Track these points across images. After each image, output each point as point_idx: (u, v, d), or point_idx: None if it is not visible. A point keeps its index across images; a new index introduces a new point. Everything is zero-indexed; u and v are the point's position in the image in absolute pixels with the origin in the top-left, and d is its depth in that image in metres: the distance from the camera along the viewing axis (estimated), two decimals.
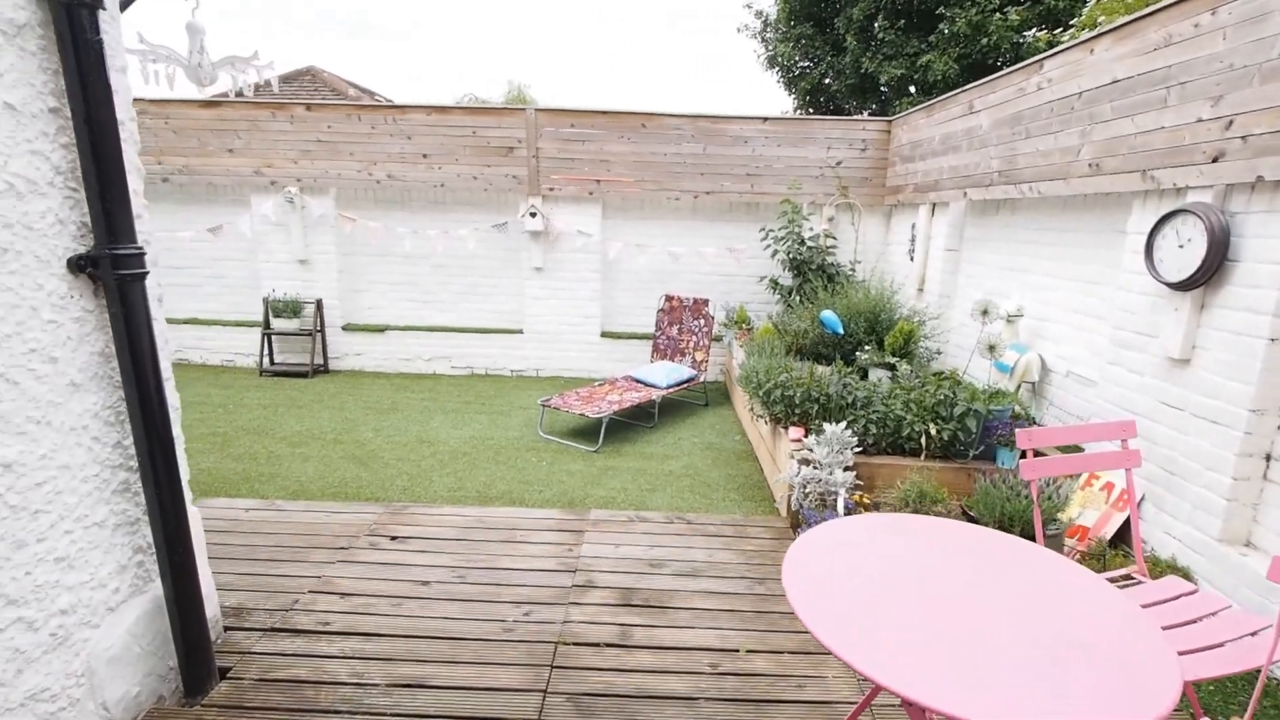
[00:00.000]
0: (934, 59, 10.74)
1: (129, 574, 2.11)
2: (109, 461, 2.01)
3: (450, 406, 6.19)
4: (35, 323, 1.76)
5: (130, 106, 2.08)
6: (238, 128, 7.06)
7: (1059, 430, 2.50)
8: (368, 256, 7.50)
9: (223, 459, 4.69)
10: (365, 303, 7.64)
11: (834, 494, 3.32)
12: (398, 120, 6.96)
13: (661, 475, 4.59)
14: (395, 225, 7.24)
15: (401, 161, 7.04)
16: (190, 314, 7.82)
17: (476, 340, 7.51)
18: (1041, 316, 4.45)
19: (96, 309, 1.94)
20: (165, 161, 7.20)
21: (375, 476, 4.44)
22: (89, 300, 1.92)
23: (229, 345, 7.69)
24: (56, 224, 1.82)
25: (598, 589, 2.98)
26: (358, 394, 6.56)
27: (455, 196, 7.29)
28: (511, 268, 7.47)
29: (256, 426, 5.44)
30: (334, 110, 7.00)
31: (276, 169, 7.13)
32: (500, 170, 7.04)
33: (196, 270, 7.73)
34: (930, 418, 3.68)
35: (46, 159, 1.78)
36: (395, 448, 5.00)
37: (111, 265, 1.90)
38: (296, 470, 4.51)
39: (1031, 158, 4.28)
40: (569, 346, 7.48)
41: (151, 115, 7.08)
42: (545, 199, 7.11)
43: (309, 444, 5.04)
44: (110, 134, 1.87)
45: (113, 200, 1.90)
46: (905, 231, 6.55)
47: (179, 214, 7.51)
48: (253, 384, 6.87)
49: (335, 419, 5.69)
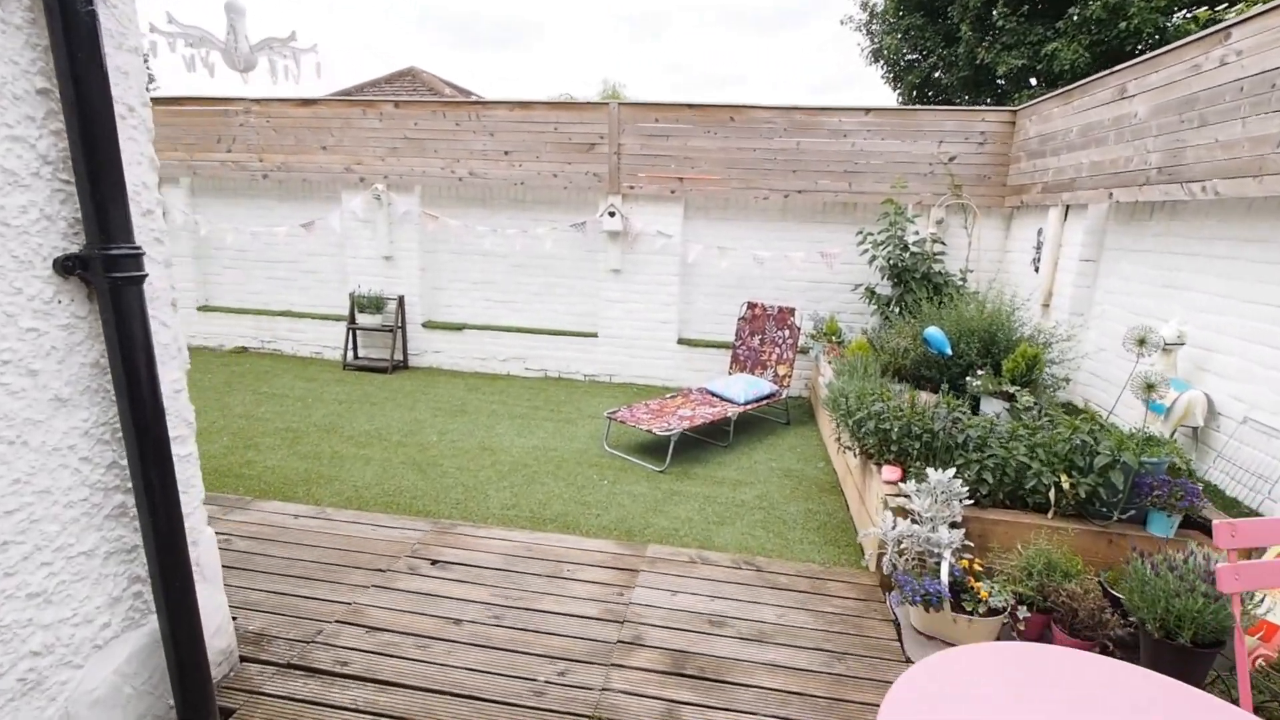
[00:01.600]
0: (1061, 47, 9.60)
1: (123, 607, 1.92)
2: (102, 484, 1.82)
3: (518, 411, 5.98)
4: (11, 331, 1.57)
5: (144, 91, 1.89)
6: (331, 125, 7.18)
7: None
8: (448, 254, 7.46)
9: (289, 456, 4.66)
10: (445, 300, 7.61)
11: (936, 556, 2.75)
12: (481, 116, 6.85)
13: (732, 505, 4.12)
14: (475, 223, 7.14)
15: (484, 159, 6.92)
16: (285, 306, 8.09)
17: (550, 342, 7.29)
18: (1208, 345, 3.63)
19: (90, 315, 1.75)
20: (266, 159, 7.45)
21: (431, 486, 4.25)
22: (80, 305, 1.73)
23: (317, 338, 7.88)
24: (42, 220, 1.62)
25: (646, 648, 2.58)
26: (431, 393, 6.49)
27: (535, 194, 7.10)
28: (588, 269, 7.20)
29: (329, 423, 5.43)
30: (420, 107, 6.97)
31: (366, 166, 7.20)
32: (580, 168, 6.77)
33: (293, 265, 7.98)
34: (1063, 467, 3.02)
35: (31, 147, 1.59)
36: (457, 455, 4.82)
37: (104, 267, 1.70)
38: (356, 474, 4.40)
39: (1207, 150, 3.48)
40: (644, 352, 7.12)
41: (255, 114, 7.34)
42: (625, 198, 6.78)
43: (374, 445, 4.95)
44: (104, 120, 1.66)
45: (107, 195, 1.69)
46: (1029, 238, 5.72)
47: (277, 210, 7.77)
48: (335, 378, 6.96)
49: (404, 419, 5.60)
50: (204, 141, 7.56)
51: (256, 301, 8.17)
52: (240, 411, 5.64)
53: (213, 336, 8.18)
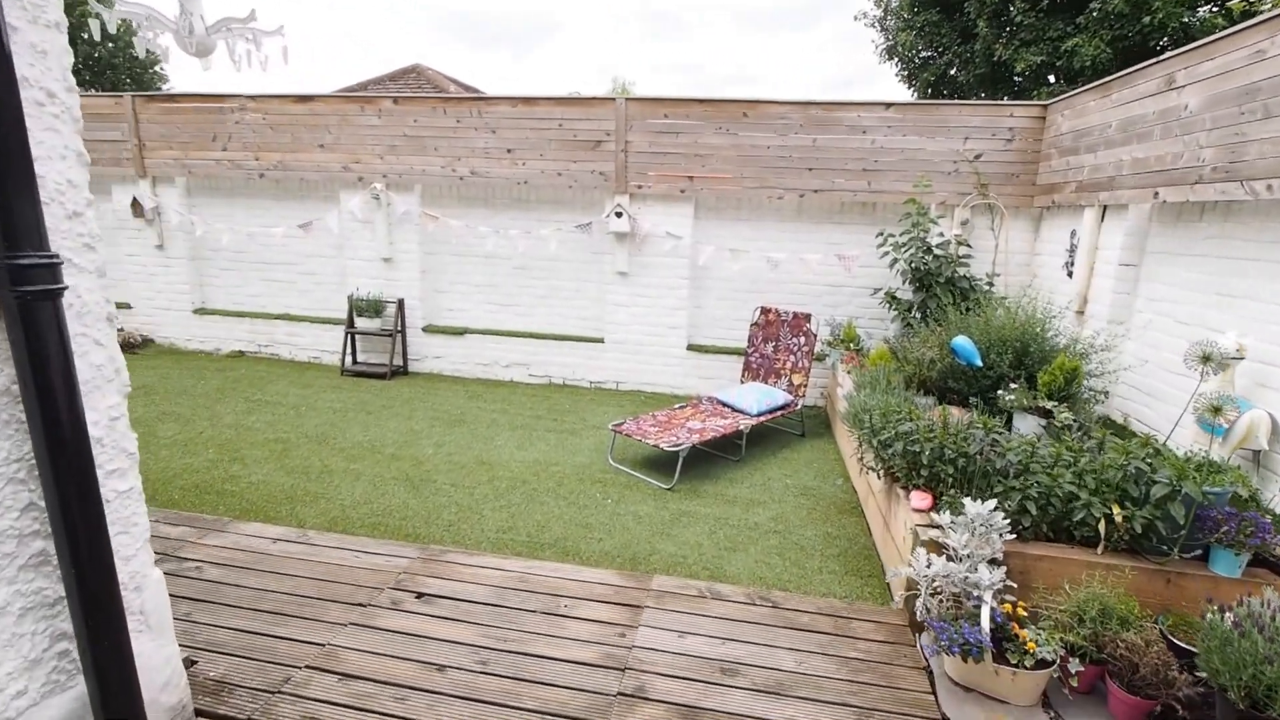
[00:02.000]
0: (1081, 42, 9.24)
1: (43, 669, 1.67)
2: (15, 530, 1.57)
3: (520, 421, 5.71)
4: None
5: (67, 74, 1.63)
6: (328, 122, 6.96)
7: None
8: (450, 256, 7.21)
9: (275, 471, 4.42)
10: (446, 304, 7.36)
11: (975, 599, 2.45)
12: (483, 113, 6.59)
13: (745, 528, 3.84)
14: (478, 224, 6.89)
15: (486, 157, 6.67)
16: (283, 309, 7.88)
17: (555, 348, 7.03)
18: (1269, 360, 3.31)
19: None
20: (262, 157, 7.24)
21: (424, 505, 3.99)
22: None
23: (315, 342, 7.66)
24: None
25: (649, 702, 2.30)
26: (430, 400, 6.25)
27: (539, 194, 6.84)
28: (594, 271, 6.93)
29: (321, 434, 5.19)
30: (420, 104, 6.73)
31: (364, 165, 6.97)
32: (586, 166, 6.50)
33: (291, 266, 7.76)
34: (1114, 497, 2.71)
35: None
36: (452, 469, 4.56)
37: (10, 279, 1.44)
38: (345, 491, 4.15)
39: (1273, 145, 3.16)
40: (652, 359, 6.84)
41: (251, 110, 7.13)
42: (633, 197, 6.50)
43: (366, 458, 4.70)
44: (7, 105, 1.40)
45: (13, 194, 1.43)
46: (1061, 240, 5.39)
47: (274, 210, 7.55)
48: (331, 384, 6.74)
49: (400, 430, 5.36)
50: (199, 140, 7.35)
51: (254, 304, 7.95)
52: (230, 421, 5.41)
53: (209, 340, 7.98)
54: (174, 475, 4.26)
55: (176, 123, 7.39)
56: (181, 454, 4.63)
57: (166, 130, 7.42)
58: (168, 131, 7.43)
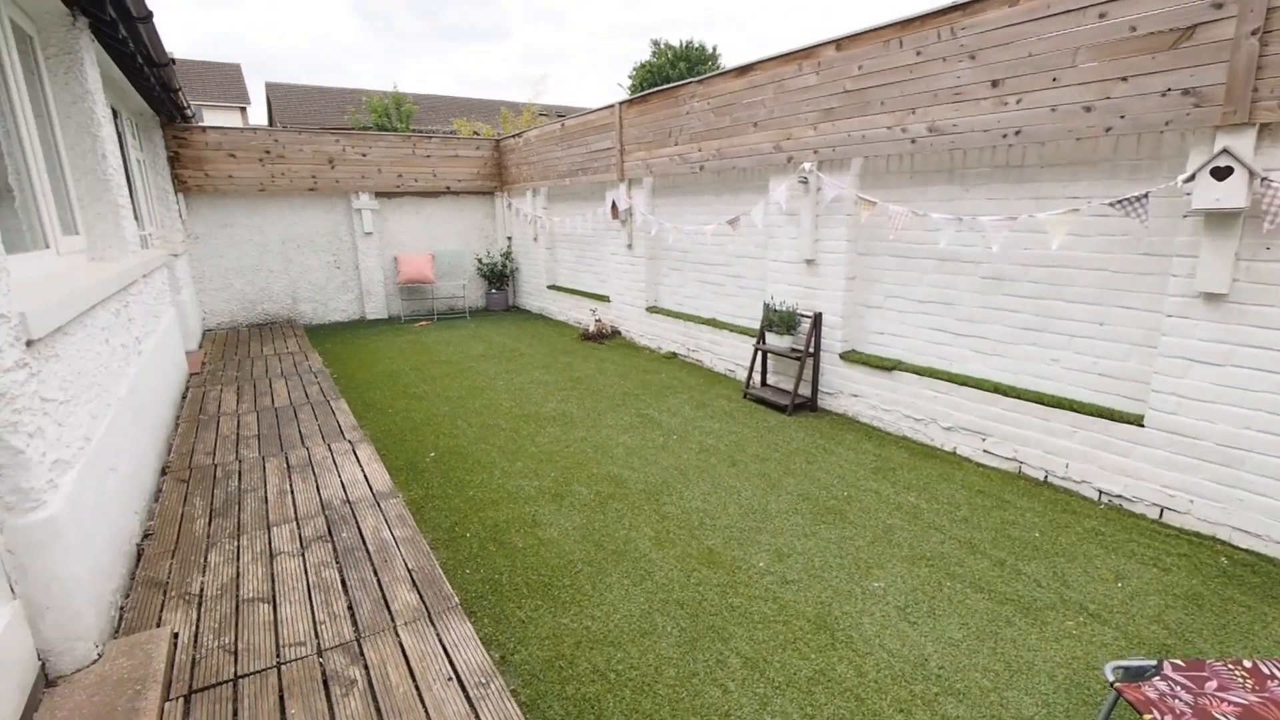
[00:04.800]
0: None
1: None
2: None
3: (952, 552, 3.32)
4: None
5: None
6: (763, 94, 5.68)
7: None
8: (888, 257, 5.06)
9: (573, 537, 3.45)
10: (875, 324, 5.27)
11: None
12: (959, 30, 4.18)
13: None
14: (929, 208, 4.55)
15: (955, 100, 4.25)
16: (711, 314, 7.18)
17: (1039, 415, 4.12)
18: None
19: None
20: (703, 147, 6.53)
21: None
22: None
23: (733, 353, 6.68)
24: None
25: None
26: (824, 461, 4.40)
27: (1041, 153, 4.02)
28: (1146, 285, 3.70)
29: (660, 485, 4.05)
30: (868, 41, 4.74)
31: (795, 140, 5.45)
32: (1149, 84, 3.38)
33: (720, 267, 6.96)
34: None
35: None
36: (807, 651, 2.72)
37: None
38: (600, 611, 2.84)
39: None
40: (1249, 474, 3.24)
41: (698, 98, 6.47)
42: (1261, 139, 3.07)
43: (667, 562, 3.28)
44: None
45: None
46: None
47: (713, 205, 6.82)
48: (725, 409, 5.59)
49: (749, 506, 3.75)
50: (659, 137, 7.15)
51: (690, 306, 7.51)
52: (599, 440, 4.83)
53: (655, 338, 7.94)
54: (475, 509, 3.76)
55: (645, 123, 7.37)
56: (519, 476, 4.17)
57: (638, 132, 7.50)
58: (639, 133, 7.50)
